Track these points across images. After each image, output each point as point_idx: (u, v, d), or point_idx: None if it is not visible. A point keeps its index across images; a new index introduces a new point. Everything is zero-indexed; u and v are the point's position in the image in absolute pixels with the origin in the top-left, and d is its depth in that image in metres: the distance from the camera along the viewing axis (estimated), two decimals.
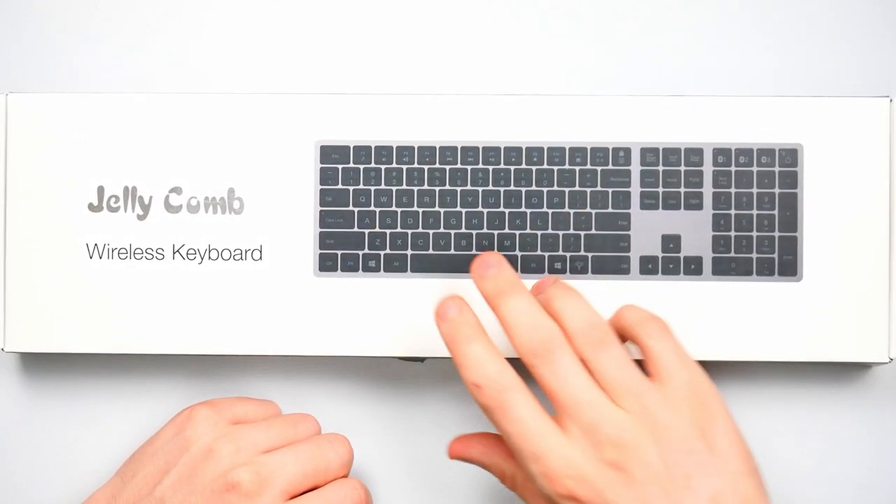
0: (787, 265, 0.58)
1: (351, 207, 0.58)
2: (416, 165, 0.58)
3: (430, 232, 0.58)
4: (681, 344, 0.51)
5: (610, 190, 0.58)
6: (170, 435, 0.56)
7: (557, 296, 0.51)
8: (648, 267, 0.58)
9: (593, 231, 0.58)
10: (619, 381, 0.49)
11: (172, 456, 0.55)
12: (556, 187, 0.58)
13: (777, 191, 0.58)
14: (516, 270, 0.58)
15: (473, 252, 0.58)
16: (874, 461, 0.62)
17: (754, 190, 0.58)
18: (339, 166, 0.58)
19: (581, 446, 0.48)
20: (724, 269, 0.58)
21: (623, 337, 0.52)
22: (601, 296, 0.58)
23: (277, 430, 0.56)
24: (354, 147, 0.58)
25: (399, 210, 0.58)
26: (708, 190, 0.58)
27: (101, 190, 0.58)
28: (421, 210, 0.58)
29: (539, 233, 0.58)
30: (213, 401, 0.57)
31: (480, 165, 0.58)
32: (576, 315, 0.50)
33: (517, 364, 0.50)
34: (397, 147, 0.58)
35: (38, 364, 0.62)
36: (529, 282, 0.58)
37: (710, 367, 0.61)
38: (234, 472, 0.53)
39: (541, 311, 0.50)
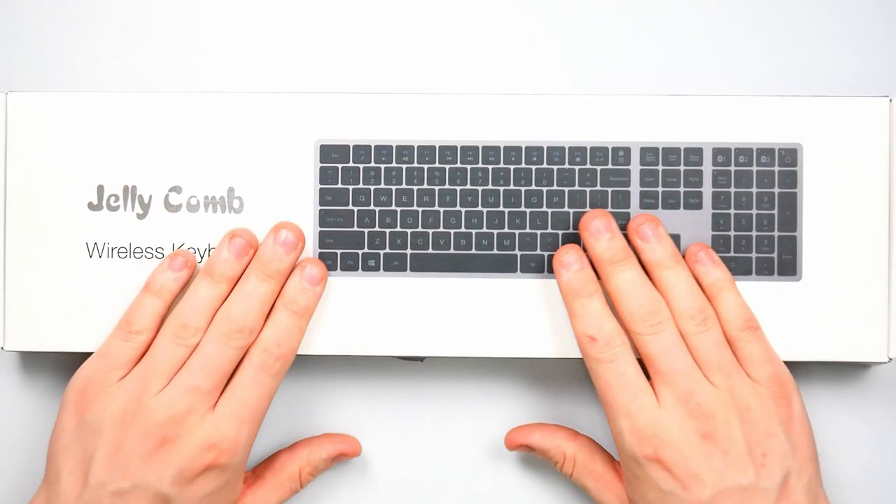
0: (786, 265, 0.58)
1: (350, 207, 0.58)
2: (415, 165, 0.58)
3: (430, 231, 0.58)
4: (768, 342, 0.56)
5: (609, 189, 0.58)
6: (72, 425, 0.55)
7: (668, 272, 0.55)
8: None
9: None
10: (713, 360, 0.54)
11: (88, 442, 0.54)
12: (555, 187, 0.58)
13: (777, 190, 0.58)
14: (516, 270, 0.58)
15: (473, 252, 0.58)
16: (874, 461, 0.61)
17: (754, 189, 0.58)
18: (339, 165, 0.58)
19: (672, 412, 0.53)
20: None
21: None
22: None
23: (158, 365, 0.54)
24: (354, 146, 0.58)
25: (399, 209, 0.58)
26: (707, 189, 0.58)
27: (100, 189, 0.58)
28: (420, 209, 0.58)
29: (539, 232, 0.58)
30: (84, 374, 0.56)
31: (480, 165, 0.58)
32: (684, 294, 0.55)
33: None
34: (397, 146, 0.58)
35: (38, 363, 0.62)
36: (530, 281, 0.58)
37: None
38: (161, 428, 0.53)
39: (650, 285, 0.55)
